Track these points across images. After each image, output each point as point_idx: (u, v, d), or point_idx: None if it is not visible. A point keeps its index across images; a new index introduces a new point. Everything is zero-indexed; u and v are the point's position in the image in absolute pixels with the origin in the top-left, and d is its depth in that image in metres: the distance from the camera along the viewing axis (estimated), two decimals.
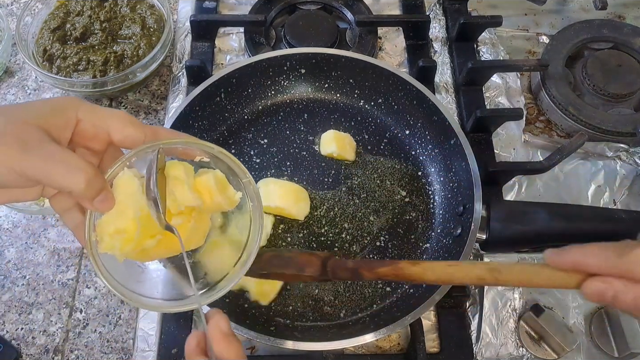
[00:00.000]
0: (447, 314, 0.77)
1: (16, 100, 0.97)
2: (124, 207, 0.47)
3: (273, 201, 0.79)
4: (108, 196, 0.46)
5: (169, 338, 0.75)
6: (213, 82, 0.83)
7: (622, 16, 1.09)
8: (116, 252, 0.48)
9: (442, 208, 0.82)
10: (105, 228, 0.48)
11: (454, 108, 0.95)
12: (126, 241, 0.48)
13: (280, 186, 0.81)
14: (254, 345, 0.76)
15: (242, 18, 1.01)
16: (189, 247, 0.53)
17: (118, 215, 0.47)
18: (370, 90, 0.89)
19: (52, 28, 0.95)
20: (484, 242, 0.71)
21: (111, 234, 0.47)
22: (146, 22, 0.97)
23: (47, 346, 0.77)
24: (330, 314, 0.75)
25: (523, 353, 0.74)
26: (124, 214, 0.47)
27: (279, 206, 0.79)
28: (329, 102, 0.91)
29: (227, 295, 0.75)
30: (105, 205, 0.47)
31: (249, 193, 0.53)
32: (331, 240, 0.80)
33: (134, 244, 0.48)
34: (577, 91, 0.96)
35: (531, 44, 1.05)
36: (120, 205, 0.47)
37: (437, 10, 1.05)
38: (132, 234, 0.47)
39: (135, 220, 0.47)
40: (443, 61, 0.99)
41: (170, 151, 0.51)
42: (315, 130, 0.89)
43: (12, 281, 0.81)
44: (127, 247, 0.48)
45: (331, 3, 1.04)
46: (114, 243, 0.47)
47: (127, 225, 0.47)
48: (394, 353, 0.76)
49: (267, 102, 0.91)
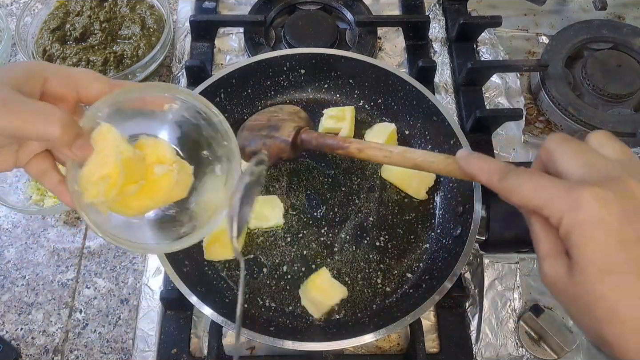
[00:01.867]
0: (447, 314, 0.77)
1: None
2: (105, 156, 0.48)
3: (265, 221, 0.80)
4: (86, 142, 0.47)
5: (169, 338, 0.75)
6: (213, 82, 0.83)
7: (622, 16, 1.09)
8: (101, 199, 0.48)
9: (442, 208, 0.82)
10: (88, 178, 0.48)
11: (453, 108, 0.95)
12: (110, 186, 0.48)
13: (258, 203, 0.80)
14: (253, 346, 0.76)
15: (242, 18, 1.01)
16: (173, 199, 0.55)
17: (100, 165, 0.48)
18: (370, 91, 0.89)
19: (52, 28, 0.95)
20: (483, 242, 0.71)
21: (94, 182, 0.48)
22: (146, 22, 0.97)
23: (47, 346, 0.77)
24: (330, 314, 0.75)
25: (523, 353, 0.74)
26: (105, 162, 0.48)
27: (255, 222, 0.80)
28: (329, 102, 0.91)
29: (227, 295, 0.75)
30: (84, 151, 0.47)
31: (222, 132, 0.54)
32: (330, 241, 0.80)
33: (118, 189, 0.49)
34: (577, 91, 0.96)
35: (531, 44, 1.05)
36: (100, 155, 0.48)
37: (437, 11, 1.05)
38: (115, 178, 0.48)
39: (118, 165, 0.48)
40: (443, 61, 0.99)
41: (139, 101, 0.52)
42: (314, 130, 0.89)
43: (11, 281, 0.81)
44: (111, 193, 0.48)
45: (331, 3, 1.04)
46: (98, 190, 0.48)
47: (109, 170, 0.48)
48: (394, 353, 0.76)
49: (267, 102, 0.91)
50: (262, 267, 0.78)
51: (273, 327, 0.73)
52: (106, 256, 0.83)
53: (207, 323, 0.75)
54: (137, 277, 0.81)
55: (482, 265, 0.78)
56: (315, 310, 0.75)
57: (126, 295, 0.80)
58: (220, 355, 0.72)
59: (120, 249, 0.84)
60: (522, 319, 0.75)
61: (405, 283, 0.77)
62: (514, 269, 0.78)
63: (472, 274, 0.80)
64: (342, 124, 0.86)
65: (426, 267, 0.78)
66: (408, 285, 0.77)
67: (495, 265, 0.78)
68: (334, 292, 0.75)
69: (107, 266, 0.82)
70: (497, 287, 0.77)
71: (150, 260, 0.81)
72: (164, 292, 0.76)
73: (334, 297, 0.75)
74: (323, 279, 0.75)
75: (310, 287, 0.75)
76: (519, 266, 0.78)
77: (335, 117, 0.87)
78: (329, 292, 0.75)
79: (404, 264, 0.79)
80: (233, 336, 0.76)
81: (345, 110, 0.87)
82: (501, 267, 0.78)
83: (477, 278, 0.79)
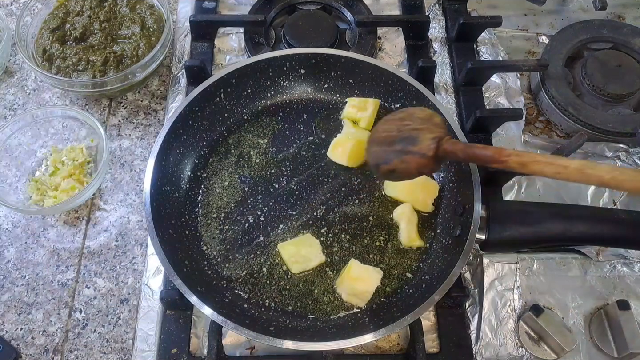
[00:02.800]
0: (447, 314, 0.77)
1: (16, 100, 0.97)
2: None
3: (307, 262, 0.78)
4: None
5: (169, 338, 0.75)
6: (213, 82, 0.83)
7: (622, 16, 1.09)
8: None
9: (442, 208, 0.82)
10: None
11: (453, 108, 0.95)
12: None
13: (294, 245, 0.79)
14: (253, 346, 0.76)
15: (242, 18, 1.01)
16: None
17: None
18: (369, 91, 0.89)
19: (52, 28, 0.95)
20: (483, 242, 0.71)
21: None
22: (146, 22, 0.97)
23: (47, 346, 0.77)
24: (330, 314, 0.75)
25: (522, 353, 0.74)
26: None
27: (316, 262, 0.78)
28: (328, 102, 0.91)
29: (227, 295, 0.75)
30: None
31: None
32: (330, 240, 0.80)
33: None
34: (577, 91, 0.96)
35: (531, 44, 1.05)
36: None
37: (437, 11, 1.05)
38: None
39: None
40: (442, 61, 0.99)
41: None
42: (314, 131, 0.89)
43: (11, 281, 0.81)
44: None
45: (331, 3, 1.04)
46: None
47: None
48: (394, 353, 0.76)
49: (266, 103, 0.91)
50: (262, 267, 0.78)
51: (273, 327, 0.73)
52: (106, 256, 0.83)
53: (207, 323, 0.75)
54: (137, 277, 0.81)
55: (482, 265, 0.78)
56: (359, 301, 0.75)
57: (126, 295, 0.80)
58: (220, 355, 0.72)
59: (120, 249, 0.84)
60: (522, 319, 0.75)
61: (405, 283, 0.77)
62: (513, 269, 0.78)
63: (472, 274, 0.80)
64: (363, 113, 0.87)
65: (426, 267, 0.78)
66: (408, 285, 0.77)
67: (495, 265, 0.78)
68: (370, 276, 0.75)
69: (107, 266, 0.82)
70: (497, 287, 0.77)
71: (150, 260, 0.81)
72: (164, 292, 0.76)
73: (372, 281, 0.75)
74: (356, 268, 0.76)
75: (346, 281, 0.75)
76: (519, 266, 0.78)
77: (357, 107, 0.87)
78: (367, 278, 0.75)
79: (404, 264, 0.79)
80: (233, 336, 0.76)
81: (367, 102, 0.87)
82: (501, 267, 0.78)
83: (476, 278, 0.79)
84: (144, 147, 0.92)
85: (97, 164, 0.89)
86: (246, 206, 0.83)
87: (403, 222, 0.79)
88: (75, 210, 0.86)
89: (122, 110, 0.96)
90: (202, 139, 0.86)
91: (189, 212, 0.82)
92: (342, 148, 0.85)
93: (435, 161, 0.63)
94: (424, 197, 0.82)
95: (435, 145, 0.62)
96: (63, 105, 0.96)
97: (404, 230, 0.79)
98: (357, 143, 0.84)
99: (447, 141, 0.63)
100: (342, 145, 0.85)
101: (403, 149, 0.63)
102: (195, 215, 0.82)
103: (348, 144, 0.85)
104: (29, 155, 0.89)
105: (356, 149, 0.84)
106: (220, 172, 0.85)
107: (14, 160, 0.88)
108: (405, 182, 0.75)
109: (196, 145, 0.85)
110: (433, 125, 0.65)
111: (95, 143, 0.90)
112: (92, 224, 0.86)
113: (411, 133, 0.64)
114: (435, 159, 0.63)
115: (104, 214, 0.86)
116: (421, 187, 0.82)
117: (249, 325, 0.67)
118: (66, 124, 0.91)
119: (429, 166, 0.63)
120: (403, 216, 0.79)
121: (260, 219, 0.82)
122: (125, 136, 0.93)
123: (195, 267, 0.77)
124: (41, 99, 0.97)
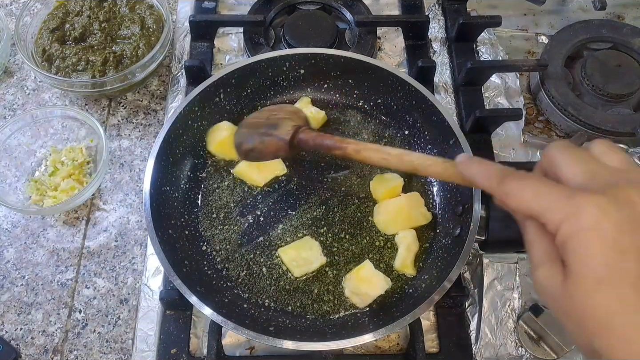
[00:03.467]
0: (447, 314, 0.77)
1: (15, 101, 0.97)
2: None
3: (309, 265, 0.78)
4: None
5: (168, 338, 0.75)
6: (212, 82, 0.83)
7: (621, 16, 1.09)
8: None
9: (442, 208, 0.82)
10: None
11: (453, 108, 0.95)
12: None
13: (294, 248, 0.79)
14: (253, 346, 0.76)
15: (242, 18, 1.01)
16: None
17: None
18: (369, 91, 0.89)
19: (51, 28, 0.95)
20: (483, 242, 0.71)
21: None
22: (145, 22, 0.97)
23: (46, 346, 0.77)
24: (329, 314, 0.75)
25: (522, 353, 0.74)
26: None
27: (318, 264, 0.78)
28: (328, 102, 0.91)
29: (227, 295, 0.75)
30: None
31: None
32: (329, 240, 0.80)
33: None
34: (577, 91, 0.96)
35: (530, 44, 1.05)
36: None
37: (437, 11, 1.05)
38: None
39: None
40: (442, 61, 0.99)
41: None
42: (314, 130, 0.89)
43: (11, 281, 0.81)
44: None
45: (330, 3, 1.04)
46: None
47: None
48: (394, 353, 0.76)
49: (266, 103, 0.91)
50: (261, 267, 0.78)
51: (273, 327, 0.73)
52: (105, 256, 0.83)
53: (206, 323, 0.75)
54: (137, 277, 0.81)
55: (482, 265, 0.78)
56: (359, 301, 0.75)
57: (126, 295, 0.80)
58: (220, 355, 0.72)
59: (120, 249, 0.84)
60: (522, 319, 0.75)
61: (405, 283, 0.77)
62: (513, 269, 0.78)
63: (471, 274, 0.80)
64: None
65: (426, 266, 0.78)
66: (408, 285, 0.77)
67: (495, 265, 0.78)
68: (378, 282, 0.75)
69: (106, 266, 0.82)
70: (496, 287, 0.77)
71: (149, 261, 0.81)
72: (164, 292, 0.76)
73: (378, 288, 0.75)
74: (367, 270, 0.76)
75: (354, 279, 0.75)
76: (519, 266, 0.78)
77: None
78: (374, 283, 0.75)
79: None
80: (233, 336, 0.76)
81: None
82: (501, 267, 0.78)
83: (476, 278, 0.79)
84: (143, 147, 0.92)
85: (96, 164, 0.89)
86: (246, 206, 0.83)
87: (402, 247, 0.79)
88: (75, 210, 0.86)
89: (122, 110, 0.96)
90: (201, 139, 0.86)
91: (188, 212, 0.82)
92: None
93: (291, 146, 0.69)
94: (415, 212, 0.81)
95: (293, 132, 0.69)
96: (62, 105, 0.96)
97: (400, 255, 0.78)
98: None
99: (304, 130, 0.70)
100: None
101: (265, 132, 0.70)
102: (195, 215, 0.82)
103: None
104: (28, 156, 0.89)
105: None
106: (220, 172, 0.85)
107: (14, 161, 0.88)
108: (390, 211, 0.81)
109: (196, 145, 0.85)
110: (297, 117, 0.72)
111: (94, 143, 0.90)
112: (91, 224, 0.86)
113: (276, 121, 0.71)
114: (291, 144, 0.69)
115: (103, 214, 0.86)
116: (406, 207, 0.81)
117: (249, 325, 0.67)
118: (66, 124, 0.91)
119: (284, 149, 0.69)
120: (404, 241, 0.79)
121: (260, 219, 0.82)
122: (125, 136, 0.93)
123: (195, 267, 0.77)
124: (41, 99, 0.97)
